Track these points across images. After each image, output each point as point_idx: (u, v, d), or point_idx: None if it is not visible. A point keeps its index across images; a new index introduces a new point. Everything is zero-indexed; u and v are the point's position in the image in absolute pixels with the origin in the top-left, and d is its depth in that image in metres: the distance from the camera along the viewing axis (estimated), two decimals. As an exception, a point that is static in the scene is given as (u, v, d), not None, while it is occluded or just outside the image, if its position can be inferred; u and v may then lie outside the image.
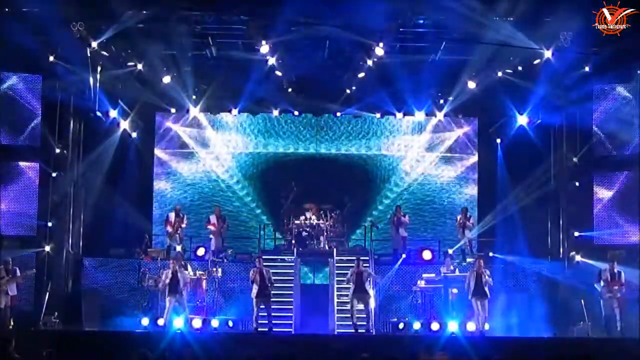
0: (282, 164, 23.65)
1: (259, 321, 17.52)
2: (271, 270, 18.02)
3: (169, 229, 20.77)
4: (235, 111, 22.18)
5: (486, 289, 17.22)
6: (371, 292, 17.70)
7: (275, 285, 17.85)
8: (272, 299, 17.65)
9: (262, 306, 17.52)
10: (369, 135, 23.70)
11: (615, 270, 17.41)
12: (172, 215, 20.96)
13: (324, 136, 23.62)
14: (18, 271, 17.31)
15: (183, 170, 23.40)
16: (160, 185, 23.22)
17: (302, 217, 21.10)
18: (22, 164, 19.11)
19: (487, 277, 17.25)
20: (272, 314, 17.71)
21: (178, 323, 17.08)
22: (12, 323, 16.88)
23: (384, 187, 23.71)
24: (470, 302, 17.38)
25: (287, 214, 21.50)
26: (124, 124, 21.31)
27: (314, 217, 21.00)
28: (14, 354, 9.63)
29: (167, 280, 17.28)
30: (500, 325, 18.08)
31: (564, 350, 14.80)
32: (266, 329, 17.37)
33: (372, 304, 17.94)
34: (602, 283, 17.36)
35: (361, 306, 17.59)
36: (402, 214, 21.45)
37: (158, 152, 23.16)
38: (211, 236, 20.98)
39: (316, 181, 23.03)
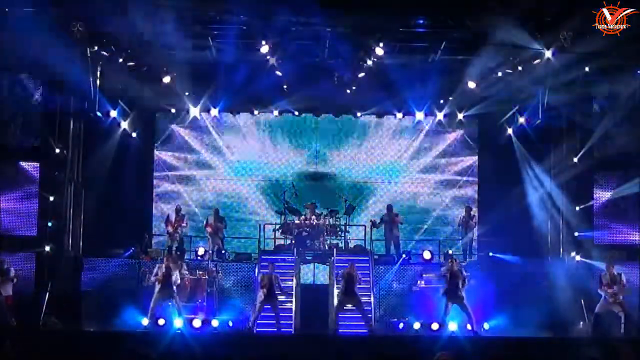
0: (282, 163, 23.70)
1: (258, 321, 17.60)
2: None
3: (169, 228, 20.80)
4: (235, 111, 22.17)
5: (462, 291, 17.13)
6: (359, 295, 17.65)
7: (281, 286, 17.88)
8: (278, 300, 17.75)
9: (268, 306, 17.53)
10: (368, 134, 23.73)
11: (615, 273, 17.34)
12: (172, 215, 20.99)
13: (323, 136, 23.66)
14: (12, 271, 17.29)
15: (183, 170, 23.42)
16: (160, 185, 23.23)
17: (302, 217, 21.11)
18: (22, 164, 19.11)
19: (461, 277, 17.13)
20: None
21: (178, 323, 17.09)
22: (14, 322, 16.88)
23: (383, 187, 23.75)
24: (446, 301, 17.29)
25: (287, 213, 21.51)
26: (124, 124, 21.32)
27: (313, 217, 21.00)
28: (12, 353, 9.63)
29: (160, 276, 17.31)
30: (499, 325, 18.07)
31: (563, 350, 14.80)
32: (275, 329, 17.39)
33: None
34: (605, 287, 17.28)
35: (351, 306, 17.57)
36: (394, 213, 21.48)
37: (158, 152, 23.18)
38: (209, 237, 21.00)
39: (315, 181, 23.09)
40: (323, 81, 20.46)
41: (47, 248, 18.75)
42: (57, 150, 19.25)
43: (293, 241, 20.61)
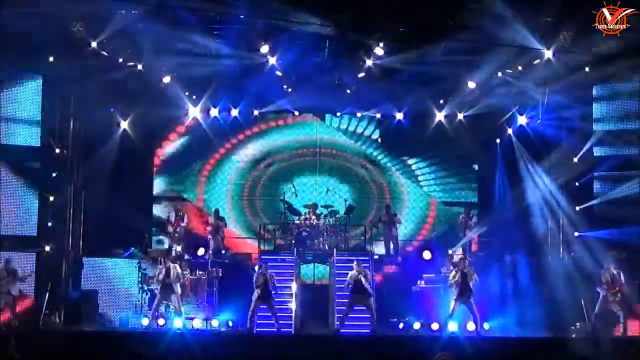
0: (282, 163, 23.70)
1: (258, 321, 17.61)
2: (271, 271, 18.04)
3: (169, 228, 20.78)
4: (235, 111, 22.17)
5: (471, 284, 17.15)
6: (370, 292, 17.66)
7: (276, 285, 17.87)
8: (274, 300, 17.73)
9: (264, 306, 17.53)
10: (368, 134, 23.73)
11: (614, 272, 17.34)
12: (172, 215, 20.98)
13: (324, 136, 23.69)
14: (19, 272, 17.30)
15: (183, 169, 23.43)
16: (160, 185, 23.23)
17: (302, 217, 21.11)
18: (22, 164, 19.11)
19: (471, 277, 17.16)
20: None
21: (178, 323, 17.10)
22: (16, 323, 16.89)
23: (384, 187, 23.76)
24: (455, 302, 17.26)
25: (287, 213, 21.52)
26: (124, 124, 21.29)
27: (313, 217, 21.00)
28: (15, 354, 9.65)
29: (160, 277, 17.33)
30: (499, 325, 18.08)
31: (563, 350, 14.81)
32: (275, 329, 17.38)
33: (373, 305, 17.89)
34: (604, 286, 17.27)
35: (362, 307, 17.59)
36: (393, 213, 21.47)
37: (158, 152, 23.17)
38: (209, 237, 21.01)
39: (316, 182, 23.12)
40: (323, 81, 20.46)
41: (47, 248, 18.74)
42: (57, 150, 19.26)
43: (293, 241, 20.61)
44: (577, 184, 20.15)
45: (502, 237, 21.09)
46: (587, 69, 18.55)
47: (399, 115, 22.41)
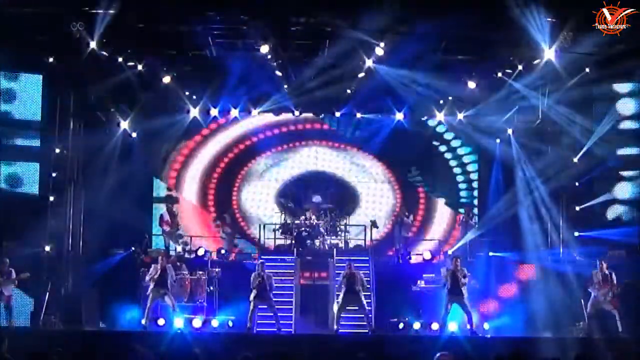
0: (282, 163, 23.72)
1: (258, 321, 17.60)
2: (271, 270, 18.02)
3: (166, 227, 20.75)
4: (235, 111, 22.17)
5: (463, 288, 17.12)
6: (362, 294, 17.62)
7: (275, 285, 17.82)
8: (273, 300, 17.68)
9: (264, 306, 17.50)
10: (368, 134, 23.73)
11: (607, 272, 17.28)
12: (165, 214, 20.97)
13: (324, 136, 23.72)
14: (14, 272, 17.26)
15: (183, 169, 23.43)
16: (160, 185, 23.23)
17: (302, 217, 21.11)
18: (22, 164, 19.11)
19: (462, 277, 17.13)
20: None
21: (178, 323, 17.09)
22: (13, 323, 16.89)
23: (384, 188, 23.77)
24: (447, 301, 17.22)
25: (287, 213, 21.54)
26: (124, 124, 21.29)
27: (313, 217, 21.00)
28: (6, 354, 9.62)
29: (156, 276, 17.31)
30: (499, 325, 18.08)
31: (563, 350, 14.80)
32: (275, 329, 17.35)
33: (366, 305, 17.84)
34: (595, 286, 17.26)
35: (355, 307, 17.56)
36: (405, 214, 21.44)
37: (158, 152, 23.17)
38: (224, 236, 21.01)
39: (316, 181, 23.15)
40: (323, 81, 20.44)
41: (47, 248, 18.73)
42: (57, 150, 19.25)
43: (293, 241, 20.61)
44: (577, 184, 20.14)
45: (502, 236, 21.10)
46: (587, 70, 18.55)
47: (399, 115, 22.39)
